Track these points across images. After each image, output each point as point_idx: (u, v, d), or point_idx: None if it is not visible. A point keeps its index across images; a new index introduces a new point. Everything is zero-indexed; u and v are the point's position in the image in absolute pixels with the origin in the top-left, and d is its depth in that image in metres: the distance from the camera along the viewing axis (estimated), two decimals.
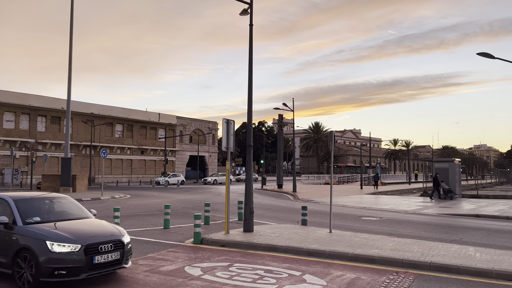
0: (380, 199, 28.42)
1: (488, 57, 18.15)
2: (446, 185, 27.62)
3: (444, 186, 27.77)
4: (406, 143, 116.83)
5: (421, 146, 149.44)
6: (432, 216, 18.49)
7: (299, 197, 28.83)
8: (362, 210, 20.49)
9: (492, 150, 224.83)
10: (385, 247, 9.74)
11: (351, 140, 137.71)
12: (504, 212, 19.65)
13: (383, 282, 7.27)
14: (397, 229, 13.97)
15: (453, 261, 8.38)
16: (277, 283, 7.13)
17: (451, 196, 27.27)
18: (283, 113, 39.11)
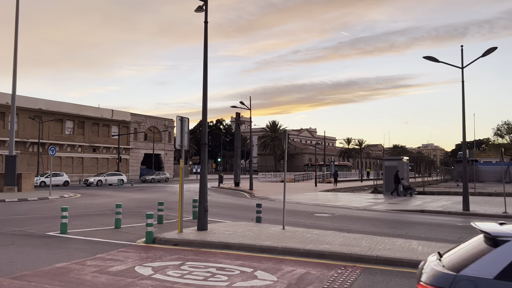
0: (333, 196, 29.22)
1: (433, 61, 19.18)
2: (406, 182, 28.94)
3: (404, 183, 29.09)
4: (359, 142, 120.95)
5: (373, 145, 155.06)
6: (381, 212, 19.28)
7: (255, 195, 29.04)
8: (316, 207, 20.98)
9: (438, 149, 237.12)
10: (335, 242, 10.05)
11: (307, 139, 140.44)
12: (446, 207, 20.85)
13: (331, 276, 7.51)
14: (347, 225, 14.45)
15: (397, 255, 8.80)
16: (229, 280, 7.18)
17: (410, 193, 28.57)
18: (241, 112, 39.22)
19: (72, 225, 13.16)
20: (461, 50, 19.18)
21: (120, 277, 7.28)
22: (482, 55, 18.42)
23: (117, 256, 9.02)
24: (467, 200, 19.19)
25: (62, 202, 22.14)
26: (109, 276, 7.33)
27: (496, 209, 19.54)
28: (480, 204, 22.57)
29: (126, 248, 9.89)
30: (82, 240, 11.01)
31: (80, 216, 15.84)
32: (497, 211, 18.82)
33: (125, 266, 8.10)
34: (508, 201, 23.16)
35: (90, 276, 7.29)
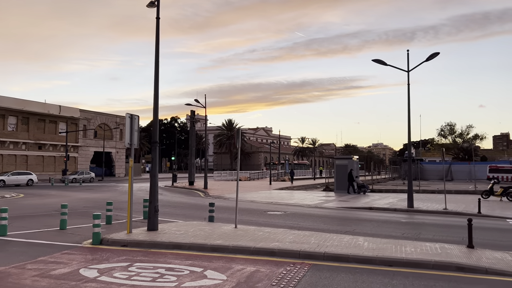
0: (287, 194, 29.67)
1: (381, 64, 19.96)
2: (359, 180, 29.91)
3: (358, 181, 30.04)
4: (312, 141, 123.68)
5: (326, 144, 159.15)
6: (332, 210, 19.83)
7: (210, 194, 28.89)
8: (269, 205, 21.22)
9: (387, 148, 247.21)
10: (286, 240, 10.23)
11: (263, 138, 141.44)
12: (393, 204, 21.81)
13: (280, 273, 7.64)
14: (299, 222, 14.74)
15: (344, 251, 9.10)
16: (178, 280, 7.10)
17: (364, 191, 29.52)
18: (197, 109, 38.80)
19: (13, 227, 12.44)
20: (407, 54, 20.14)
21: (63, 280, 6.99)
22: (426, 60, 19.43)
23: (61, 258, 8.65)
24: (412, 198, 20.19)
25: (3, 202, 20.86)
26: (51, 280, 7.02)
27: (438, 206, 20.70)
28: (424, 201, 23.82)
29: (71, 250, 9.51)
30: (23, 242, 10.45)
31: (22, 217, 15.01)
32: (439, 208, 19.95)
33: (69, 269, 7.78)
34: (448, 198, 24.61)
35: (30, 281, 6.94)
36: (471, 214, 18.00)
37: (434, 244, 10.08)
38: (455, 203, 22.15)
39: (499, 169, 49.82)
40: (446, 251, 9.24)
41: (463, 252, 9.21)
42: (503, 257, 8.92)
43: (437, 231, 13.34)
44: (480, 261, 8.43)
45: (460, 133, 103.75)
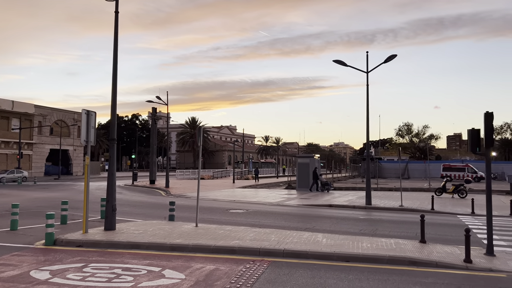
0: (250, 192, 29.76)
1: (342, 64, 20.41)
2: (323, 178, 30.44)
3: (322, 179, 30.55)
4: (276, 140, 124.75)
5: (290, 143, 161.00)
6: (293, 207, 20.09)
7: (171, 193, 28.47)
8: (232, 204, 21.20)
9: (348, 147, 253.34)
10: (246, 238, 10.25)
11: (227, 136, 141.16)
12: (352, 202, 22.39)
13: (240, 271, 7.65)
14: (260, 220, 14.81)
15: (303, 247, 9.24)
16: (134, 280, 6.95)
17: (327, 189, 30.03)
18: (159, 107, 38.11)
19: None
20: (367, 55, 20.71)
21: (12, 283, 6.67)
22: (385, 61, 20.06)
23: (11, 260, 8.25)
24: (370, 195, 20.81)
25: None
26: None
27: (394, 203, 21.45)
28: (381, 198, 24.61)
29: (22, 252, 9.08)
30: None
31: None
32: (395, 205, 20.68)
33: (18, 271, 7.43)
34: (404, 196, 25.54)
35: None
36: (425, 211, 18.80)
37: (389, 240, 10.44)
38: (411, 200, 23.04)
39: (452, 168, 52.29)
40: (400, 246, 9.59)
41: (416, 247, 9.59)
42: (452, 251, 9.37)
43: (393, 227, 13.83)
44: (431, 255, 8.81)
45: (417, 133, 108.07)
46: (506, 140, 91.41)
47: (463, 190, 24.78)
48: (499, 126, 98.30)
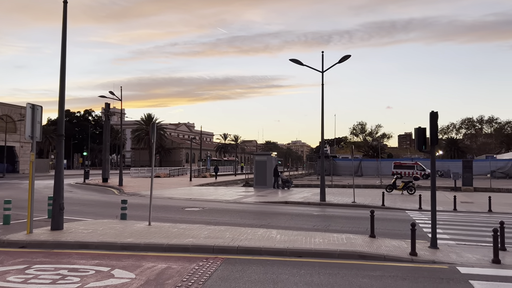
0: (207, 190, 29.54)
1: (298, 63, 20.70)
2: (284, 176, 30.76)
3: (283, 177, 30.87)
4: (235, 137, 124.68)
5: (248, 140, 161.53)
6: (250, 204, 20.16)
7: (125, 191, 27.71)
8: (188, 202, 20.94)
9: (305, 146, 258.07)
10: (200, 236, 10.15)
11: (185, 134, 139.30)
12: (307, 198, 22.80)
13: (192, 269, 7.56)
14: (216, 218, 14.74)
15: (257, 244, 9.28)
16: (81, 281, 6.69)
17: (288, 186, 30.34)
18: (113, 102, 36.86)
19: None
20: (322, 55, 21.14)
21: None
22: (339, 61, 20.57)
23: None
24: (324, 192, 21.28)
25: None
26: None
27: (347, 199, 22.07)
28: (335, 195, 25.24)
29: None
30: None
31: None
32: (348, 201, 21.28)
33: None
34: (357, 192, 26.32)
35: None
36: (376, 207, 19.50)
37: (340, 235, 10.72)
38: (363, 197, 23.81)
39: (402, 165, 54.56)
40: (351, 241, 9.88)
41: (365, 242, 9.91)
42: (399, 244, 9.77)
43: (345, 222, 14.22)
44: (380, 249, 9.14)
45: (370, 132, 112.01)
46: (452, 139, 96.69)
47: (412, 186, 25.93)
48: (446, 126, 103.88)
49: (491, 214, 17.40)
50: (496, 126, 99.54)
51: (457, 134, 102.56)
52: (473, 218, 16.02)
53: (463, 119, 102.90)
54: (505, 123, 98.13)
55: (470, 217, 16.36)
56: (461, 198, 23.55)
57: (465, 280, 7.05)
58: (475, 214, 17.28)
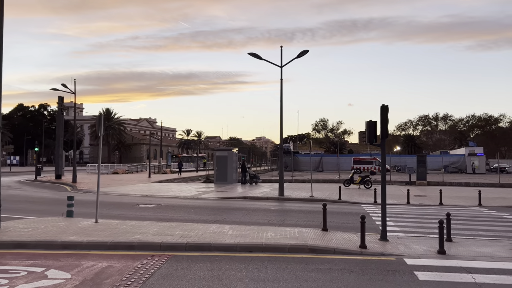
0: (166, 186, 28.89)
1: (256, 57, 20.51)
2: (252, 171, 30.55)
3: (250, 172, 30.60)
4: (198, 133, 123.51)
5: (212, 137, 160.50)
6: (208, 200, 19.82)
7: (78, 188, 26.57)
8: (143, 198, 20.32)
9: (269, 142, 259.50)
10: (149, 233, 9.76)
11: (146, 129, 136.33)
12: (266, 193, 22.74)
13: (135, 267, 7.19)
14: (170, 214, 14.31)
15: (207, 240, 9.01)
16: (9, 283, 6.17)
17: (255, 181, 30.15)
18: (70, 97, 35.26)
19: None
20: (281, 50, 21.07)
21: None
22: (297, 57, 20.56)
23: None
24: (282, 187, 21.29)
25: None
26: None
27: (305, 194, 22.19)
28: (295, 190, 25.35)
29: None
30: None
31: None
32: (306, 195, 21.39)
33: None
34: (316, 187, 26.58)
35: None
36: (333, 201, 19.72)
37: (293, 229, 10.64)
38: (321, 191, 24.05)
39: (361, 161, 55.89)
40: (303, 235, 9.80)
41: (317, 235, 9.87)
42: (350, 237, 9.80)
43: (300, 216, 14.21)
44: (330, 242, 9.12)
45: (332, 129, 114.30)
46: (409, 135, 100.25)
47: (369, 181, 26.48)
48: (403, 123, 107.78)
49: (441, 206, 17.99)
50: (450, 123, 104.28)
51: (414, 131, 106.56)
52: (425, 211, 16.49)
53: (419, 116, 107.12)
54: (458, 120, 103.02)
55: (422, 210, 16.83)
56: (415, 192, 24.30)
57: (410, 272, 7.11)
58: (426, 207, 17.82)
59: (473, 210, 16.71)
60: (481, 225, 12.74)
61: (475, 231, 11.59)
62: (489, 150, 69.74)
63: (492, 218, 14.62)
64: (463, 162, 57.24)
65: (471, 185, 31.53)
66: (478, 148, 59.31)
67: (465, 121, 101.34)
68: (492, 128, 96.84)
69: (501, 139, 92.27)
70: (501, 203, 19.05)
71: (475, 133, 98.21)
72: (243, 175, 30.43)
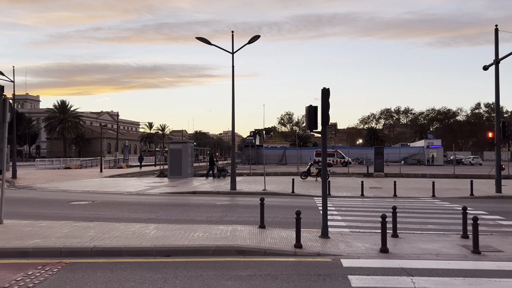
0: (114, 181, 27.12)
1: (205, 42, 19.23)
2: (219, 164, 29.35)
3: (218, 165, 29.31)
4: (161, 127, 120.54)
5: (178, 130, 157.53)
6: (152, 196, 18.42)
7: (16, 184, 24.45)
8: (82, 194, 18.67)
9: (237, 136, 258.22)
10: (55, 235, 8.37)
11: (108, 123, 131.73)
12: (218, 187, 21.57)
13: (11, 281, 5.85)
14: (100, 212, 12.87)
15: (119, 243, 7.75)
16: None
17: (224, 174, 28.87)
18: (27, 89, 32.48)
19: None
20: (232, 35, 19.84)
21: None
22: (248, 42, 19.40)
23: None
24: (234, 180, 20.19)
25: None
26: None
27: (260, 187, 21.18)
28: (250, 183, 24.32)
29: None
30: None
31: None
32: (259, 189, 20.39)
33: None
34: (274, 180, 25.73)
35: None
36: (286, 194, 18.84)
37: (228, 227, 9.54)
38: (277, 184, 23.14)
39: None
40: (235, 233, 8.71)
41: (252, 233, 8.81)
42: (288, 235, 8.80)
43: (244, 212, 13.15)
44: (263, 242, 8.07)
45: (297, 122, 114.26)
46: (372, 128, 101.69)
47: None
48: (366, 117, 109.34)
49: (395, 198, 17.45)
50: (411, 116, 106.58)
51: (377, 124, 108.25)
52: (378, 203, 15.83)
53: (382, 110, 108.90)
54: (419, 113, 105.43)
55: (375, 202, 16.17)
56: (371, 184, 23.85)
57: (343, 276, 6.15)
58: (380, 199, 17.20)
59: (426, 202, 16.23)
60: (432, 218, 12.13)
61: (424, 225, 10.91)
62: (447, 142, 71.60)
63: (443, 209, 14.11)
64: (422, 154, 58.26)
65: (428, 176, 31.62)
66: (437, 140, 60.55)
67: (425, 115, 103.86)
68: (450, 121, 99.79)
69: (458, 132, 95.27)
70: (454, 194, 18.76)
71: (435, 126, 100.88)
72: (211, 169, 29.21)
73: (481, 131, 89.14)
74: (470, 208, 13.95)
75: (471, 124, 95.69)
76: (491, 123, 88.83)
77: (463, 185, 22.60)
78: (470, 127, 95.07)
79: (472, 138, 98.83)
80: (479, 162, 59.88)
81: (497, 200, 17.65)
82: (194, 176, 31.46)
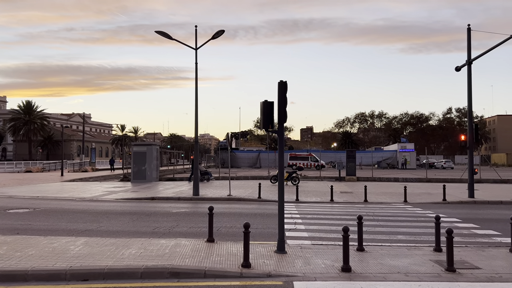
0: (72, 186, 25.30)
1: (166, 37, 17.97)
2: (203, 167, 27.87)
3: (201, 169, 27.82)
4: (134, 129, 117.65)
5: (152, 133, 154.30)
6: (105, 203, 16.88)
7: None
8: (28, 201, 16.95)
9: (214, 139, 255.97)
10: None
11: (80, 124, 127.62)
12: (180, 193, 20.19)
13: None
14: (33, 222, 11.34)
15: (27, 265, 6.37)
16: None
17: (207, 178, 27.43)
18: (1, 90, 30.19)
19: None
20: (195, 30, 18.61)
21: None
22: (212, 38, 18.21)
23: None
24: (197, 186, 18.90)
25: None
26: None
27: (225, 192, 19.94)
28: (217, 188, 23.03)
29: None
30: None
31: None
32: (224, 194, 19.15)
33: None
34: (242, 184, 24.54)
35: None
36: (252, 200, 17.68)
37: (170, 241, 8.25)
38: (244, 189, 21.93)
39: (297, 157, 54.93)
40: (176, 250, 7.45)
41: (196, 249, 7.57)
42: (238, 250, 7.59)
43: (199, 221, 11.86)
44: (206, 260, 6.84)
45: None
46: (347, 132, 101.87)
47: (296, 177, 24.82)
48: (341, 120, 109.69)
49: (366, 204, 16.53)
50: (385, 120, 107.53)
51: (352, 128, 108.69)
52: (347, 209, 14.83)
53: (357, 114, 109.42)
54: (392, 118, 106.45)
55: (344, 208, 15.17)
56: (342, 188, 22.97)
57: None
58: (350, 205, 16.22)
59: (398, 208, 15.34)
60: (403, 227, 11.16)
61: (394, 235, 9.91)
62: (420, 146, 71.98)
63: (415, 216, 13.21)
64: (395, 158, 58.26)
65: (400, 180, 31.07)
66: (410, 144, 60.69)
67: (399, 119, 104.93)
68: (423, 125, 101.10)
69: (430, 136, 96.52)
70: (427, 199, 18.00)
71: (408, 130, 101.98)
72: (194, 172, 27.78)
73: (452, 135, 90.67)
74: (443, 215, 13.13)
75: (443, 128, 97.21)
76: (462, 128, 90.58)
77: (436, 189, 21.98)
78: (442, 131, 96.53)
79: (444, 142, 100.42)
80: (451, 166, 60.35)
81: (470, 205, 16.97)
82: (160, 181, 29.89)
